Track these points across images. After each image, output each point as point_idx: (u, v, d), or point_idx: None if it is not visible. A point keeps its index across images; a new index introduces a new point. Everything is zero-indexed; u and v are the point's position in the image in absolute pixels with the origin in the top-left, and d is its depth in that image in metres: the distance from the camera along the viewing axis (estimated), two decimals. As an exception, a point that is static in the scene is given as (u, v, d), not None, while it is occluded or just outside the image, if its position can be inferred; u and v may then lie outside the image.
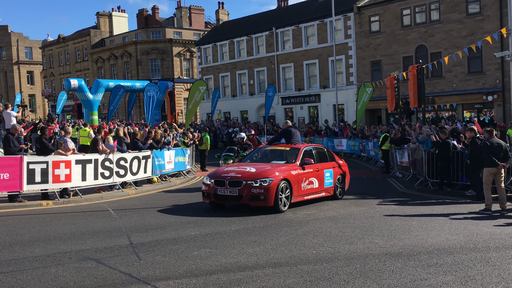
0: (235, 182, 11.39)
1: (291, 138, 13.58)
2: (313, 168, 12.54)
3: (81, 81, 30.97)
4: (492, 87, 29.82)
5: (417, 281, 6.21)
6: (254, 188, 11.17)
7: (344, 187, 13.99)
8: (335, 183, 13.44)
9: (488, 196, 11.38)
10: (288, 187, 11.57)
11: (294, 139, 13.56)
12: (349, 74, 36.87)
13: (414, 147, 17.04)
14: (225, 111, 46.00)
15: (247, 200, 11.23)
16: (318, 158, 13.14)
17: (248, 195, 11.20)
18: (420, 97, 20.08)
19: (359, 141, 26.98)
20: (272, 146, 13.83)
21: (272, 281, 6.25)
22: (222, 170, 12.14)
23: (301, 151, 12.71)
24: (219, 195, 11.56)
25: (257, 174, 11.42)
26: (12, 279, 6.41)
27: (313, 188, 12.55)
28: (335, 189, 13.46)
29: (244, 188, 11.23)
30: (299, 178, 12.01)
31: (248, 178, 11.30)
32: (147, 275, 6.56)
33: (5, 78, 68.10)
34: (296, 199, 11.95)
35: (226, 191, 11.44)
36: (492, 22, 29.40)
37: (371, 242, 8.33)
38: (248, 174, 11.47)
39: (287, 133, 13.80)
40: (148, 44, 53.58)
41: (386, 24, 34.41)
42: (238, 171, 11.70)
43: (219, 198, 11.63)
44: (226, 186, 11.44)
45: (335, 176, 13.44)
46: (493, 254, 7.50)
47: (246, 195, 11.20)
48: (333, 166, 13.55)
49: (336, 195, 13.49)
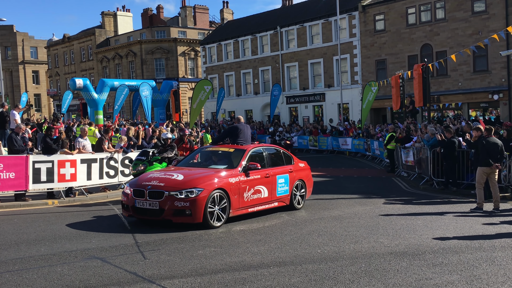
0: (156, 192, 9.41)
1: (237, 138, 11.47)
2: (262, 173, 10.69)
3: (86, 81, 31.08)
4: (498, 86, 29.69)
5: (423, 280, 6.20)
6: (178, 201, 9.21)
7: (304, 195, 12.05)
8: (292, 190, 11.51)
9: (481, 195, 11.45)
10: (225, 198, 9.68)
11: (241, 138, 11.44)
12: (354, 73, 36.80)
13: (419, 146, 16.98)
14: (230, 110, 46.02)
15: (170, 215, 9.29)
16: (270, 162, 11.32)
17: (171, 209, 9.25)
18: (425, 96, 20.01)
19: (364, 140, 26.93)
20: (214, 147, 11.77)
21: (277, 280, 6.25)
22: (146, 177, 10.15)
23: (246, 153, 10.71)
24: (138, 208, 9.56)
25: (183, 183, 9.49)
26: (18, 278, 6.44)
27: (261, 198, 10.64)
28: (292, 197, 11.53)
29: (166, 200, 9.27)
30: (241, 186, 10.09)
31: (172, 188, 9.37)
32: (152, 274, 6.58)
33: (11, 78, 68.37)
34: (237, 212, 10.07)
35: (146, 203, 9.44)
36: (497, 20, 29.27)
37: (376, 241, 8.32)
38: (173, 183, 9.53)
39: (233, 131, 11.73)
40: (153, 44, 53.68)
41: (391, 22, 34.32)
42: (163, 179, 9.73)
43: (138, 211, 9.64)
44: (146, 197, 9.46)
45: (291, 183, 11.51)
46: (498, 254, 7.47)
47: (169, 209, 9.25)
48: (289, 170, 11.56)
49: (293, 205, 11.55)
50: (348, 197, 13.71)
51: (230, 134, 11.87)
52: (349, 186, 16.22)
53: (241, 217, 10.35)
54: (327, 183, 17.29)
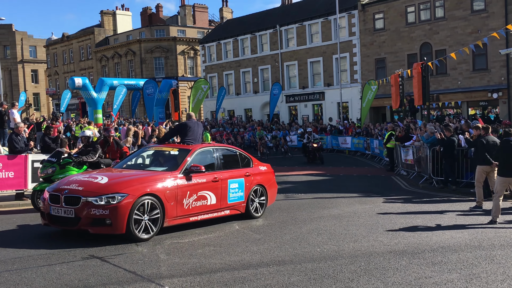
0: (72, 198, 8.19)
1: (186, 136, 10.41)
2: (209, 177, 9.48)
3: (85, 80, 31.02)
4: (497, 85, 29.70)
5: (422, 279, 6.19)
6: (96, 208, 7.97)
7: (265, 202, 10.77)
8: (249, 197, 10.32)
9: (480, 194, 11.42)
10: (157, 206, 8.40)
11: (190, 137, 10.38)
12: (353, 72, 36.80)
13: (418, 145, 16.98)
14: (229, 109, 46.03)
15: (87, 225, 8.06)
16: (222, 164, 10.09)
17: (88, 218, 8.02)
18: (424, 95, 20.01)
19: (364, 139, 26.94)
20: (157, 147, 10.59)
21: (276, 279, 6.25)
22: (67, 179, 8.98)
23: (190, 154, 9.51)
24: (53, 215, 8.34)
25: (105, 187, 8.25)
26: (17, 277, 6.43)
27: (207, 206, 9.42)
28: (248, 205, 10.31)
29: (83, 207, 8.04)
30: (180, 192, 8.83)
31: (91, 193, 8.13)
32: (152, 273, 6.57)
33: (10, 77, 68.32)
34: (174, 221, 8.80)
35: (61, 210, 8.22)
36: (497, 19, 29.26)
37: (376, 240, 8.31)
38: (93, 187, 8.30)
39: (182, 129, 10.67)
40: (152, 43, 53.64)
41: (391, 21, 34.31)
42: (83, 182, 8.52)
43: (53, 220, 8.41)
44: (61, 203, 8.25)
45: (248, 188, 10.30)
46: (498, 252, 7.47)
47: (86, 217, 8.01)
48: (245, 174, 10.36)
49: (249, 213, 10.33)
50: (348, 196, 13.71)
51: (179, 132, 10.84)
52: (349, 185, 16.22)
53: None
54: (326, 181, 17.29)
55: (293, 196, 13.94)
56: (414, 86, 20.77)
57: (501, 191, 10.04)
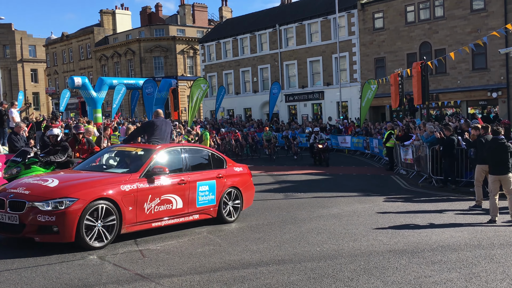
0: (17, 202, 7.54)
1: (152, 135, 9.73)
2: (174, 179, 8.85)
3: (85, 79, 31.00)
4: (497, 84, 29.71)
5: (421, 278, 6.20)
6: (42, 214, 7.32)
7: (240, 206, 10.18)
8: (221, 200, 9.73)
9: (479, 193, 11.44)
10: (114, 211, 7.78)
11: (156, 136, 9.70)
12: (353, 71, 36.80)
13: (418, 144, 16.99)
14: (229, 109, 46.02)
15: (32, 233, 7.42)
16: (191, 165, 9.43)
17: (33, 225, 7.37)
18: (424, 94, 20.02)
19: (363, 138, 26.94)
20: (121, 147, 9.99)
21: (276, 278, 6.25)
22: (16, 182, 8.39)
23: (153, 154, 8.87)
24: None
25: (54, 191, 7.60)
26: (17, 276, 6.43)
27: (172, 210, 8.81)
28: (221, 208, 9.71)
29: (28, 212, 7.39)
30: (140, 195, 8.22)
31: (37, 197, 7.47)
32: (151, 272, 6.58)
33: (9, 76, 68.29)
34: (133, 227, 8.20)
35: (5, 216, 7.56)
36: (496, 18, 29.27)
37: (375, 239, 8.32)
38: (41, 191, 7.62)
39: (148, 127, 10.03)
40: (152, 42, 53.62)
41: (390, 20, 34.31)
42: (32, 185, 7.86)
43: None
44: (6, 208, 7.59)
45: (220, 191, 9.72)
46: (497, 251, 7.47)
47: (31, 224, 7.37)
48: (218, 176, 9.75)
49: (221, 217, 9.75)
50: (347, 195, 13.71)
51: (145, 130, 10.14)
52: (348, 184, 16.23)
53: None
54: (326, 181, 17.29)
55: (293, 195, 13.94)
56: (413, 86, 20.78)
57: (495, 189, 10.10)
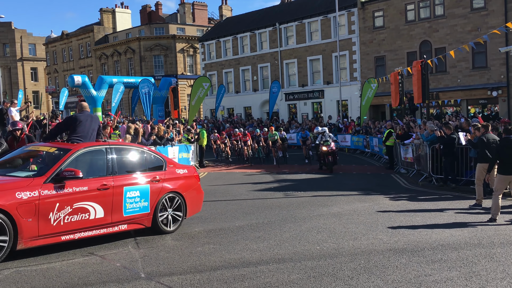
0: None
1: (74, 132, 8.58)
2: (93, 184, 7.73)
3: (85, 78, 30.99)
4: (497, 83, 29.70)
5: (422, 277, 6.20)
6: None
7: (183, 213, 9.05)
8: (157, 207, 8.59)
9: (480, 191, 11.43)
10: (5, 225, 6.72)
11: (79, 134, 8.55)
12: (353, 70, 36.79)
13: (418, 143, 16.98)
14: (229, 107, 46.02)
15: None
16: (118, 167, 8.27)
17: None
18: (424, 93, 19.99)
19: (363, 137, 26.94)
20: (36, 146, 8.87)
21: (276, 277, 6.25)
22: None
23: (68, 155, 7.71)
24: None
25: None
26: (17, 275, 6.43)
27: (89, 220, 7.68)
28: (156, 217, 8.58)
29: None
30: (43, 204, 7.12)
31: None
32: (151, 271, 6.58)
33: (9, 75, 68.27)
34: (35, 242, 7.12)
35: None
36: (496, 17, 29.26)
37: (375, 238, 8.32)
38: None
39: (70, 123, 8.80)
40: (152, 40, 53.59)
41: (390, 19, 34.28)
42: None
43: None
44: None
45: (156, 196, 8.58)
46: (497, 250, 7.47)
47: None
48: (153, 179, 8.64)
49: (157, 227, 8.63)
50: (347, 194, 13.71)
51: (67, 127, 8.91)
52: (348, 183, 16.23)
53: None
54: (326, 179, 17.28)
55: (293, 194, 13.94)
56: (413, 84, 20.75)
57: (501, 189, 10.03)
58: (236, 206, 11.89)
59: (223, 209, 11.48)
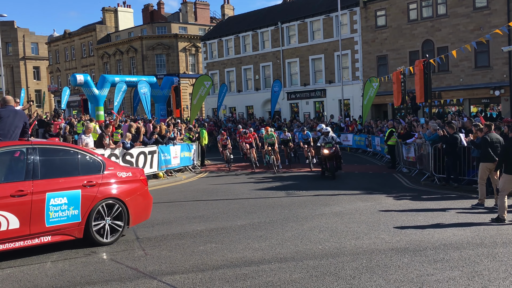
0: None
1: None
2: (4, 191, 6.85)
3: (87, 77, 31.02)
4: (499, 82, 29.63)
5: (424, 276, 6.19)
6: None
7: (123, 223, 8.09)
8: (90, 215, 7.66)
9: (483, 191, 11.40)
10: None
11: None
12: (355, 69, 36.75)
13: (420, 142, 16.96)
14: (231, 106, 46.03)
15: None
16: (42, 170, 7.32)
17: None
18: (426, 92, 19.96)
19: (365, 136, 26.92)
20: None
21: (278, 276, 6.25)
22: None
23: None
24: None
25: None
26: (20, 274, 6.44)
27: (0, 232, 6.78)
28: (89, 227, 7.65)
29: None
30: None
31: None
32: (154, 269, 6.58)
33: (12, 74, 68.36)
34: None
35: None
36: (499, 16, 29.19)
37: (377, 237, 8.31)
38: None
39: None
40: (154, 39, 53.62)
41: (392, 18, 34.23)
42: None
43: None
44: None
45: (88, 204, 7.63)
46: (500, 250, 7.46)
47: None
48: (85, 184, 7.67)
49: (91, 238, 7.72)
50: (349, 193, 13.70)
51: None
52: (350, 182, 16.21)
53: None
54: (328, 179, 17.26)
55: (295, 193, 13.94)
56: (416, 83, 20.72)
57: (508, 189, 9.97)
58: (238, 205, 11.90)
59: (225, 208, 11.49)
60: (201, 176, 19.19)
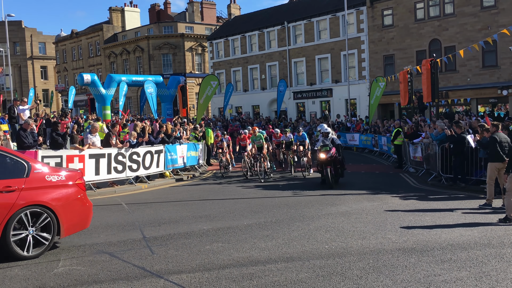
0: None
1: None
2: None
3: (94, 76, 31.14)
4: (507, 81, 29.44)
5: (431, 276, 6.17)
6: None
7: (53, 232, 7.17)
8: (7, 225, 6.70)
9: (491, 191, 11.33)
10: None
11: None
12: (362, 69, 36.66)
13: (427, 142, 16.89)
14: (237, 106, 46.06)
15: None
16: None
17: None
18: (433, 92, 19.88)
19: (372, 136, 26.85)
20: None
21: (285, 275, 6.25)
22: None
23: None
24: None
25: None
26: (27, 272, 6.48)
27: None
28: (7, 238, 6.73)
29: None
30: None
31: None
32: (160, 268, 6.60)
33: (19, 73, 68.75)
34: None
35: None
36: (507, 15, 29.00)
37: (384, 237, 8.29)
38: None
39: None
40: (160, 39, 53.74)
41: (399, 17, 34.11)
42: None
43: None
44: None
45: (5, 212, 6.68)
46: (507, 250, 7.41)
47: None
48: (4, 189, 6.75)
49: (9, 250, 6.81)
50: (356, 193, 13.67)
51: None
52: (357, 182, 16.17)
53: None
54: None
55: (301, 193, 13.93)
56: (423, 83, 20.64)
57: None
58: (244, 205, 11.91)
59: (231, 208, 11.50)
60: (207, 175, 19.21)
